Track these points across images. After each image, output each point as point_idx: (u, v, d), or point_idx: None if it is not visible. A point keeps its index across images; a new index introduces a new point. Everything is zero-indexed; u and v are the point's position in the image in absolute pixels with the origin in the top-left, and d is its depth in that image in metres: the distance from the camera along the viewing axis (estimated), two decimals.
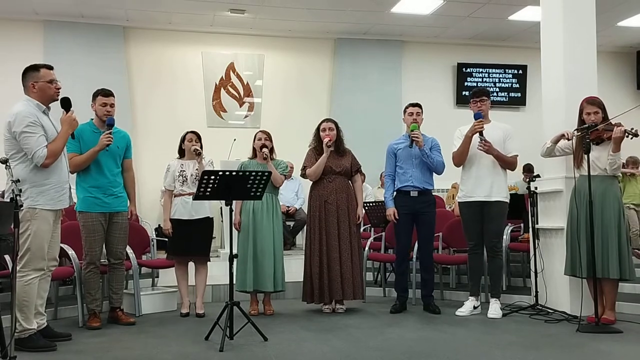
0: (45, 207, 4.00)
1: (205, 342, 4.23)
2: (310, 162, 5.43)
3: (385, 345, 4.17)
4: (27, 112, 3.95)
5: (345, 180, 5.45)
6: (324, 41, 10.45)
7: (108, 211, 4.79)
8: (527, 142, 5.59)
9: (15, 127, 3.92)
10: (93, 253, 4.76)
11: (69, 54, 9.20)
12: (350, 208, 5.36)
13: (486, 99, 5.22)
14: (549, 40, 5.56)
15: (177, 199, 5.31)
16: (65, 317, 5.19)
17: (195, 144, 5.34)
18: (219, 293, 6.06)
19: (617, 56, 11.29)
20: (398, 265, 5.52)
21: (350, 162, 5.46)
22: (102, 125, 4.82)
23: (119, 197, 4.87)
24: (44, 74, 4.08)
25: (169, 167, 5.41)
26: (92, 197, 4.72)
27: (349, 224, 5.33)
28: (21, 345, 3.88)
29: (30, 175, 3.95)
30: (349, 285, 5.24)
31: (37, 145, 3.91)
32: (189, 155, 5.36)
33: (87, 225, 4.73)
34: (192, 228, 5.26)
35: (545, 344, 4.13)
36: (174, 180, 5.34)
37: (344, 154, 5.47)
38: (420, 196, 5.34)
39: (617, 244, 4.54)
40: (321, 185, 5.40)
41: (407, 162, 5.37)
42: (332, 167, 5.36)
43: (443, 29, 10.17)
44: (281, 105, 10.17)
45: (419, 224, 5.38)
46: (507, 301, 5.47)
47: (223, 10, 9.15)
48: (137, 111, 9.64)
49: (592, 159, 4.62)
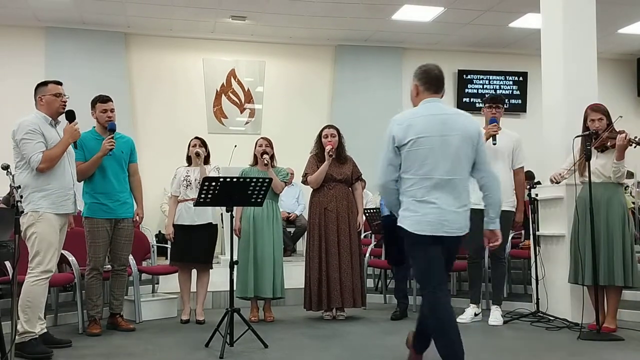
0: (48, 210, 4.06)
1: (206, 349, 4.22)
2: (312, 169, 5.43)
3: (385, 352, 4.16)
4: (29, 122, 4.11)
5: (346, 187, 5.45)
6: (325, 48, 10.48)
7: (114, 217, 4.80)
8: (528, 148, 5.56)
9: (17, 135, 4.09)
10: (97, 259, 4.76)
11: (70, 60, 9.23)
12: (350, 215, 5.36)
13: (501, 106, 5.24)
14: (549, 47, 5.56)
15: (181, 205, 5.31)
16: (65, 323, 5.18)
17: (199, 149, 5.34)
18: (219, 300, 6.04)
19: (617, 63, 11.30)
20: (397, 271, 5.50)
21: (351, 169, 5.46)
22: (104, 131, 4.83)
23: (125, 203, 4.88)
24: (51, 87, 4.24)
25: (176, 174, 5.43)
26: (98, 203, 4.74)
27: (349, 231, 5.32)
28: (20, 350, 3.89)
29: (32, 181, 4.06)
30: (349, 292, 5.22)
31: (33, 150, 4.04)
32: (194, 161, 5.37)
33: (93, 231, 4.74)
34: (194, 234, 5.25)
35: (546, 352, 4.13)
36: (179, 186, 5.34)
37: (345, 161, 5.47)
38: None
39: (622, 251, 4.52)
40: (321, 193, 5.39)
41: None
42: (333, 175, 5.36)
43: (444, 36, 10.19)
44: (282, 112, 10.18)
45: None
46: (508, 308, 5.45)
47: (224, 17, 9.18)
48: (138, 117, 9.65)
49: (597, 166, 4.62)
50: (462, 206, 3.27)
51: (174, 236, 5.28)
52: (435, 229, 3.15)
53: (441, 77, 3.41)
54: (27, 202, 3.99)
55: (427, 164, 3.15)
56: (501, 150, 5.13)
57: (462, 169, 3.23)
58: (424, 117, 3.28)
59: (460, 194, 3.26)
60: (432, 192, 3.16)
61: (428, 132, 3.19)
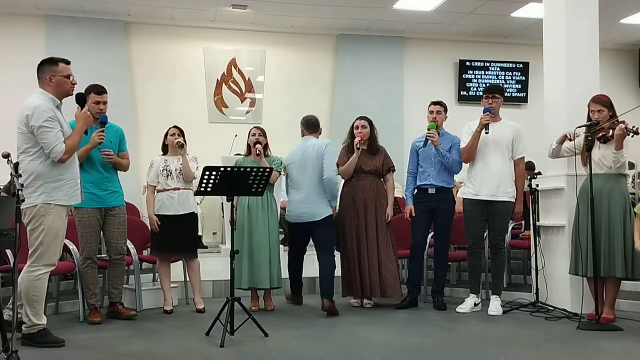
0: (60, 202, 3.96)
1: (206, 337, 4.23)
2: (342, 160, 5.46)
3: (385, 341, 4.18)
4: (45, 107, 3.90)
5: (375, 178, 5.44)
6: (326, 37, 10.43)
7: (103, 206, 4.78)
8: (529, 139, 5.54)
9: (33, 121, 3.85)
10: (89, 248, 4.75)
11: (71, 48, 9.12)
12: (378, 206, 5.35)
13: (499, 97, 5.21)
14: (551, 37, 5.54)
15: (162, 194, 5.24)
16: (66, 311, 5.20)
17: (178, 137, 5.31)
18: (219, 289, 6.06)
19: (619, 53, 11.26)
20: (411, 261, 5.54)
21: (382, 161, 5.45)
22: (94, 121, 4.69)
23: (114, 192, 4.85)
24: (62, 68, 4.04)
25: (152, 163, 5.36)
26: (87, 193, 4.63)
27: (376, 222, 5.32)
28: (30, 340, 3.89)
29: (47, 171, 3.91)
30: (376, 283, 5.24)
31: (56, 140, 3.87)
32: (172, 150, 5.32)
33: (83, 220, 4.72)
34: (177, 224, 5.20)
35: (545, 342, 4.14)
36: (157, 175, 5.27)
37: (377, 152, 5.47)
38: (438, 193, 5.34)
39: (623, 242, 4.51)
40: (350, 184, 5.43)
41: (427, 160, 5.38)
42: (362, 166, 5.37)
43: (445, 26, 10.15)
44: (283, 101, 10.15)
45: (436, 221, 5.40)
46: (507, 298, 5.47)
47: (225, 6, 9.13)
48: (137, 106, 9.62)
49: (599, 157, 4.61)
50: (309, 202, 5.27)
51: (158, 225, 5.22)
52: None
53: (317, 122, 5.56)
54: (39, 192, 3.85)
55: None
56: (499, 141, 5.12)
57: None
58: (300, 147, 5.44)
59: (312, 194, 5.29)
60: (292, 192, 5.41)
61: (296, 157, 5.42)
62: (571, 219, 4.93)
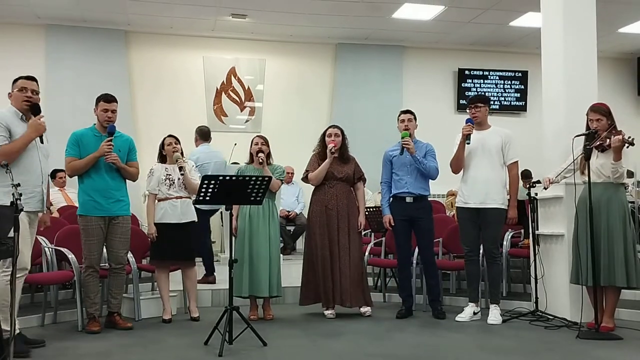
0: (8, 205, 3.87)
1: (205, 346, 4.22)
2: (313, 167, 5.44)
3: (384, 350, 4.17)
4: (1, 116, 4.06)
5: (347, 186, 5.45)
6: (325, 46, 10.46)
7: (107, 215, 4.79)
8: (528, 147, 5.59)
9: None
10: (92, 257, 4.76)
11: (71, 58, 9.22)
12: (350, 214, 5.36)
13: (482, 106, 5.22)
14: (549, 46, 5.56)
15: (165, 203, 5.25)
16: (64, 321, 5.19)
17: (175, 146, 5.34)
18: (218, 298, 6.05)
19: (617, 62, 11.29)
20: (400, 271, 5.52)
21: (353, 169, 5.47)
22: (104, 130, 4.82)
23: (119, 201, 4.86)
24: (19, 82, 4.24)
25: (153, 171, 5.36)
26: (92, 201, 4.72)
27: (348, 230, 5.32)
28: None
29: None
30: (346, 291, 5.21)
31: None
32: (171, 159, 5.35)
33: (87, 228, 4.73)
34: (178, 232, 5.22)
35: (545, 351, 4.13)
36: (158, 184, 5.28)
37: (348, 161, 5.48)
38: (416, 202, 5.33)
39: (623, 251, 4.51)
40: (322, 191, 5.40)
41: (402, 168, 5.37)
42: (334, 173, 5.37)
43: (444, 35, 10.18)
44: (282, 110, 10.18)
45: (417, 231, 5.37)
46: (507, 307, 5.46)
47: (224, 15, 9.17)
48: (138, 115, 9.63)
49: (597, 166, 4.62)
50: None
51: (157, 234, 5.22)
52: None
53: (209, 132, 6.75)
54: None
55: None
56: (488, 149, 5.14)
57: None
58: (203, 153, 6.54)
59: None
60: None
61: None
62: (570, 227, 4.93)
